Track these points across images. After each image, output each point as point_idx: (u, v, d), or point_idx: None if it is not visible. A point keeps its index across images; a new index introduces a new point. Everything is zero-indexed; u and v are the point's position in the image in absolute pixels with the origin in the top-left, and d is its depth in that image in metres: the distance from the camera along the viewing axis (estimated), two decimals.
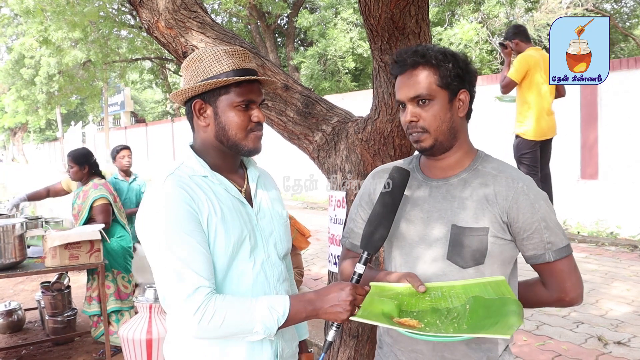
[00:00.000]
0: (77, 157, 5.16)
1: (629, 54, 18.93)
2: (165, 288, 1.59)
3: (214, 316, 1.55)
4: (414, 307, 1.57)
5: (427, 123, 1.67)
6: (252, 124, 1.72)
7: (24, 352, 5.15)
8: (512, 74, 5.80)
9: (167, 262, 1.57)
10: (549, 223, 1.67)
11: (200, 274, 1.57)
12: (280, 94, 2.98)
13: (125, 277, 5.14)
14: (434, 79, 1.66)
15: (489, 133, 9.31)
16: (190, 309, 1.54)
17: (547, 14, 15.66)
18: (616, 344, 4.36)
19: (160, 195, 1.63)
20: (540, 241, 1.67)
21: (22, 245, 4.36)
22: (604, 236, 8.68)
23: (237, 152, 1.75)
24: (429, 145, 1.68)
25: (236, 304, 1.58)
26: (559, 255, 1.69)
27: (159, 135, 26.51)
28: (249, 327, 1.58)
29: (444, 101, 1.67)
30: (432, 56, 1.66)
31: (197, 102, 1.73)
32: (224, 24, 19.86)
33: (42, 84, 19.98)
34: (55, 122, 41.83)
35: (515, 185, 1.67)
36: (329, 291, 1.63)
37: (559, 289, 1.72)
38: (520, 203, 1.65)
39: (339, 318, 1.60)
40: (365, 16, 2.40)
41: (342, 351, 2.91)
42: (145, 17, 2.98)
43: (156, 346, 4.01)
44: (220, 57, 1.71)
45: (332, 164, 2.94)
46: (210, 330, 1.56)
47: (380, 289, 1.64)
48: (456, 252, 1.66)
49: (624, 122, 8.73)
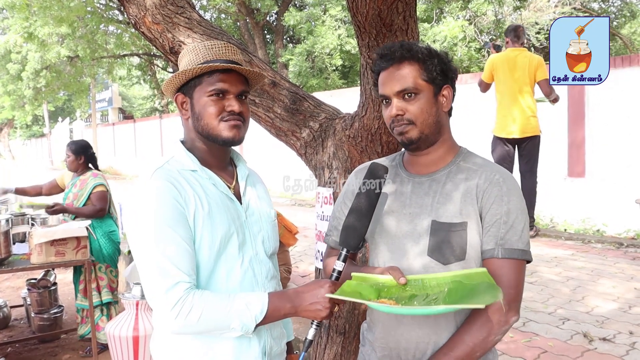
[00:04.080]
0: (75, 146, 5.24)
1: (616, 53, 19.04)
2: (147, 281, 1.59)
3: (191, 311, 1.54)
4: (392, 295, 1.56)
5: (413, 116, 1.67)
6: (225, 113, 1.72)
7: (10, 350, 5.11)
8: (483, 74, 6.09)
9: (150, 256, 1.57)
10: (511, 219, 1.62)
11: (181, 269, 1.57)
12: (267, 91, 2.98)
13: (114, 272, 5.19)
14: (419, 73, 1.67)
15: (474, 130, 9.35)
16: (168, 304, 1.54)
17: (535, 12, 15.70)
18: (601, 340, 4.39)
19: (148, 189, 1.62)
20: (495, 235, 1.63)
21: (7, 241, 4.33)
22: (591, 234, 8.73)
23: (213, 141, 1.75)
24: (415, 136, 1.69)
25: (214, 300, 1.58)
26: (509, 254, 1.61)
27: (147, 132, 26.37)
28: (226, 324, 1.58)
29: (429, 95, 1.68)
30: (418, 51, 1.67)
31: (178, 95, 1.78)
32: (212, 21, 19.79)
33: (28, 79, 19.79)
34: (42, 118, 41.55)
35: (491, 177, 1.67)
36: (307, 289, 1.63)
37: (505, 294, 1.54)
38: (491, 193, 1.64)
39: (318, 316, 1.60)
40: (352, 13, 2.39)
41: (329, 347, 2.91)
42: (133, 12, 2.96)
43: (143, 343, 4.00)
44: (198, 51, 1.74)
45: (320, 161, 2.94)
46: (187, 325, 1.56)
47: (362, 279, 1.65)
48: (436, 248, 1.66)
49: (611, 121, 8.79)
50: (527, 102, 6.08)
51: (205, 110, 1.72)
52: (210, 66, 1.69)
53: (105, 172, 6.31)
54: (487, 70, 6.22)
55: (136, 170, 25.49)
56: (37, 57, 18.63)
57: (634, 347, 4.25)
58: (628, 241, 8.02)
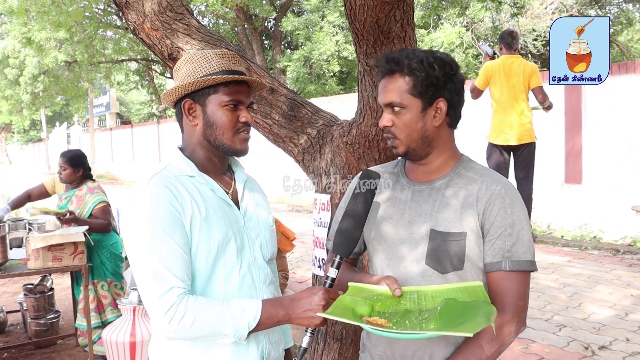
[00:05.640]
0: (72, 158, 4.96)
1: (613, 60, 19.07)
2: (142, 286, 1.60)
3: (184, 317, 1.55)
4: (386, 309, 1.56)
5: (397, 131, 1.67)
6: (240, 125, 1.75)
7: (6, 355, 5.09)
8: (476, 81, 6.15)
9: (146, 261, 1.58)
10: (516, 231, 1.62)
11: (175, 275, 1.57)
12: (265, 97, 2.99)
13: (118, 285, 5.01)
14: (407, 87, 1.64)
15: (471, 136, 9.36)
16: (161, 309, 1.55)
17: (533, 19, 15.78)
18: (598, 347, 4.40)
19: (145, 194, 1.63)
20: (500, 248, 1.62)
21: (4, 247, 4.32)
22: (588, 240, 8.75)
23: (223, 151, 1.77)
24: (402, 151, 1.70)
25: (208, 306, 1.58)
26: (516, 267, 1.61)
27: (145, 137, 26.37)
28: (219, 329, 1.58)
29: (416, 110, 1.65)
30: (406, 64, 1.63)
31: (187, 101, 1.76)
32: (210, 26, 19.82)
33: (26, 84, 19.80)
34: (39, 122, 41.54)
35: (493, 187, 1.65)
36: (301, 296, 1.62)
37: (512, 305, 1.61)
38: (495, 205, 1.62)
39: (312, 323, 1.59)
40: (350, 20, 2.41)
41: (326, 354, 2.91)
42: (131, 18, 2.97)
43: (140, 349, 3.99)
44: (210, 59, 1.75)
45: (317, 167, 2.94)
46: (180, 330, 1.56)
47: (358, 290, 1.64)
48: (434, 257, 1.65)
49: (608, 128, 8.81)
50: (522, 109, 6.11)
51: (220, 121, 1.73)
52: (235, 77, 1.71)
53: (102, 177, 6.26)
54: (482, 77, 6.24)
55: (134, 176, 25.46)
56: (34, 62, 18.63)
57: (631, 354, 4.26)
58: (625, 248, 8.04)
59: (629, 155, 8.58)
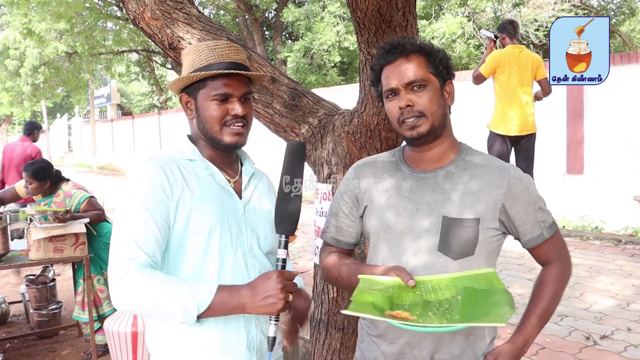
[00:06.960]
0: (36, 172, 4.80)
1: (615, 51, 19.04)
2: (110, 254, 1.61)
3: (136, 288, 1.53)
4: (405, 301, 1.55)
5: (423, 107, 1.67)
6: (229, 117, 1.73)
7: (8, 346, 5.12)
8: (482, 68, 6.08)
9: (118, 230, 1.60)
10: (539, 202, 1.75)
11: (141, 248, 1.57)
12: (266, 87, 2.97)
13: None
14: (426, 65, 1.69)
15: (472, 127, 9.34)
16: (116, 275, 1.55)
17: (535, 9, 15.70)
18: (600, 337, 4.40)
19: (136, 172, 1.66)
20: (536, 222, 1.73)
21: (5, 237, 4.32)
22: (589, 230, 8.75)
23: (216, 145, 1.77)
24: (426, 129, 1.68)
25: (162, 282, 1.54)
26: (553, 230, 1.77)
27: (146, 128, 26.35)
28: (168, 307, 1.53)
29: (437, 87, 1.71)
30: (425, 45, 1.71)
31: (183, 95, 1.79)
32: (211, 17, 19.74)
33: (27, 75, 19.74)
34: (40, 114, 41.48)
35: (507, 173, 1.71)
36: (256, 283, 1.58)
37: (560, 257, 1.80)
38: (516, 189, 1.70)
39: (274, 309, 1.55)
40: (352, 9, 2.39)
41: (328, 344, 2.91)
42: (132, 8, 2.96)
43: (141, 339, 4.00)
44: (201, 52, 1.74)
45: (319, 157, 2.94)
46: (129, 301, 1.54)
47: (369, 282, 1.62)
48: (447, 244, 1.66)
49: (610, 118, 8.79)
50: (527, 99, 6.08)
51: (208, 115, 1.72)
52: (206, 74, 1.69)
53: (103, 169, 6.21)
54: (489, 64, 6.15)
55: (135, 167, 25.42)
56: (35, 53, 18.59)
57: (632, 344, 4.26)
58: (626, 238, 8.04)
59: (631, 145, 8.57)
